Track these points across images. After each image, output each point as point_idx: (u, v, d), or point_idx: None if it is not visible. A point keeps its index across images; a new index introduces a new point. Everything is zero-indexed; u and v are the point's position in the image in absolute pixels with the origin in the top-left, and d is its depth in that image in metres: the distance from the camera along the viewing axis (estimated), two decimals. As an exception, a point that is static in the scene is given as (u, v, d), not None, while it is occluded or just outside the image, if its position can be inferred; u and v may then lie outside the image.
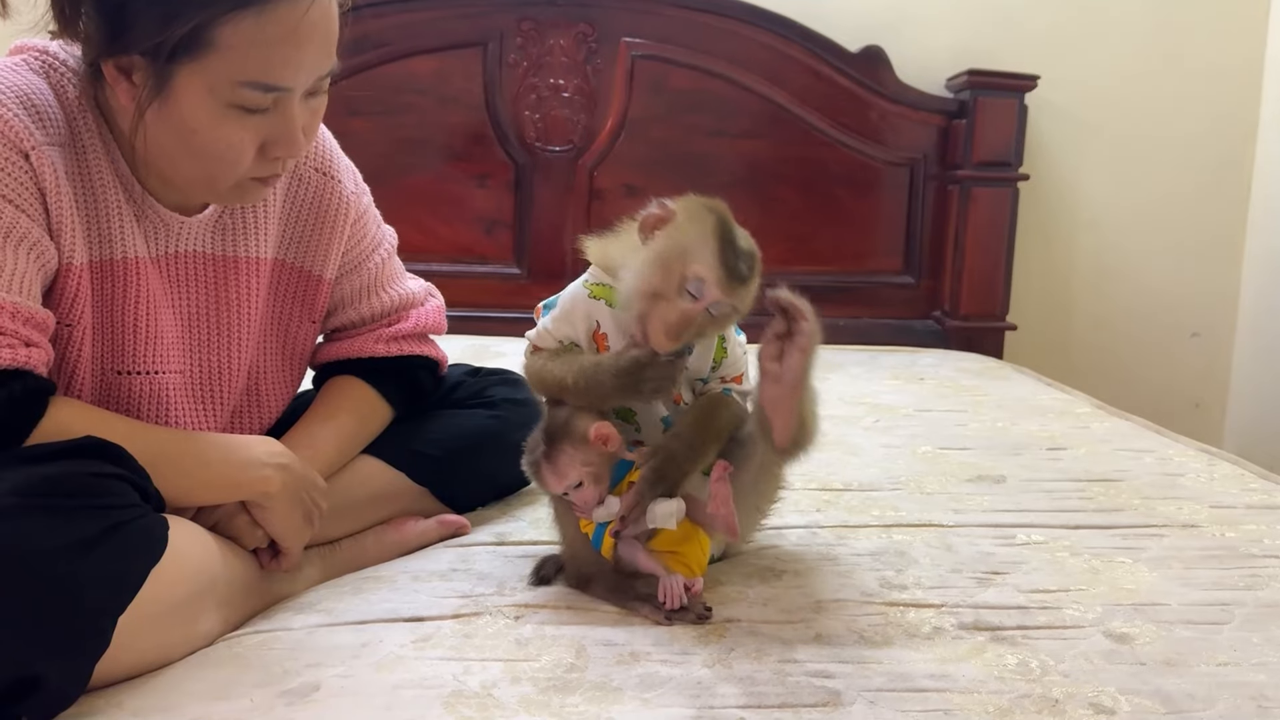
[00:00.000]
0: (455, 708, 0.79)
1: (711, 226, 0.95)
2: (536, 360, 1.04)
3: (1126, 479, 1.44)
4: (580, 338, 1.03)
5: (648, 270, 0.95)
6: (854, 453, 1.55)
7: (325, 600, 0.99)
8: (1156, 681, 0.86)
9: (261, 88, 0.89)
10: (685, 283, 0.94)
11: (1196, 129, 2.72)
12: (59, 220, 0.92)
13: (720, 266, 0.93)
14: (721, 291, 0.94)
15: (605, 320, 1.02)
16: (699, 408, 1.02)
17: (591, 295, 1.02)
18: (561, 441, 0.97)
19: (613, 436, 0.97)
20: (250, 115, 0.90)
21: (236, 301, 1.09)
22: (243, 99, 0.89)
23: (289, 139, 0.93)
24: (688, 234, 0.95)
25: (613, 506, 0.96)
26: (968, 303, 2.55)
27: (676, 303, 0.94)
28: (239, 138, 0.91)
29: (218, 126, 0.90)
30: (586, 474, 0.96)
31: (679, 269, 0.94)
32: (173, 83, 0.88)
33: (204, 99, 0.88)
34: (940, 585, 1.05)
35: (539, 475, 0.99)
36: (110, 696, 0.80)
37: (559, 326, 1.04)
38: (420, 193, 2.44)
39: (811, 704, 0.81)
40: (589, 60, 2.46)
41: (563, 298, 1.05)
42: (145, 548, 0.83)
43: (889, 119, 2.55)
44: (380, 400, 1.19)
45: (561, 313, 1.04)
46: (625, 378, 0.96)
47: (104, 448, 0.85)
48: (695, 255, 0.94)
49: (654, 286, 0.95)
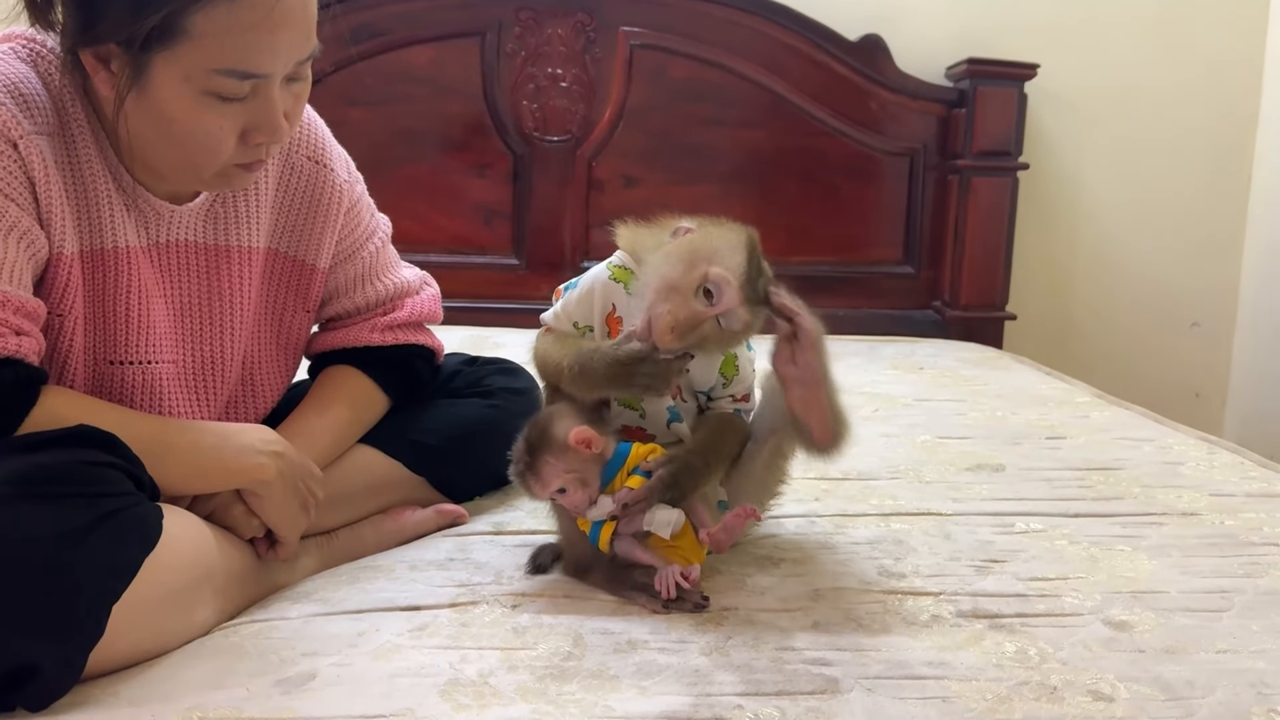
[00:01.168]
0: (452, 696, 0.79)
1: (744, 240, 0.96)
2: (543, 342, 1.04)
3: (1126, 468, 1.44)
4: (595, 319, 1.03)
5: (672, 261, 0.95)
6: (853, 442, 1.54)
7: (322, 589, 0.99)
8: (1156, 669, 0.86)
9: (238, 75, 0.87)
10: (705, 281, 0.93)
11: (1197, 119, 2.71)
12: (49, 209, 0.92)
13: (745, 275, 0.94)
14: (739, 301, 0.94)
15: (621, 304, 1.01)
16: (712, 427, 1.03)
17: (612, 277, 1.03)
18: (542, 451, 0.97)
19: (594, 439, 0.96)
20: (229, 103, 0.89)
21: (229, 291, 1.08)
22: (219, 87, 0.87)
23: (270, 125, 0.92)
24: (720, 238, 0.96)
25: (605, 506, 0.96)
26: (967, 293, 2.55)
27: (691, 301, 0.94)
28: (218, 126, 0.90)
29: (196, 115, 0.89)
30: (571, 479, 0.96)
31: (704, 266, 0.93)
32: (149, 72, 0.87)
33: (181, 88, 0.87)
34: (939, 573, 1.05)
35: (525, 485, 0.99)
36: (106, 686, 0.80)
37: (576, 306, 1.04)
38: (418, 183, 2.44)
39: (809, 691, 0.81)
40: (587, 50, 2.45)
41: (584, 278, 1.05)
42: (139, 536, 0.82)
43: (888, 108, 2.54)
44: (376, 390, 1.18)
45: (581, 293, 1.04)
46: (619, 368, 0.96)
47: (97, 436, 0.85)
48: (723, 258, 0.94)
49: (673, 280, 0.94)
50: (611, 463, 0.98)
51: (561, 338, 1.03)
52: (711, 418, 1.04)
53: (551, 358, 1.02)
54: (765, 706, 0.78)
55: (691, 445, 1.00)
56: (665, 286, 0.94)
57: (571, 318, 1.04)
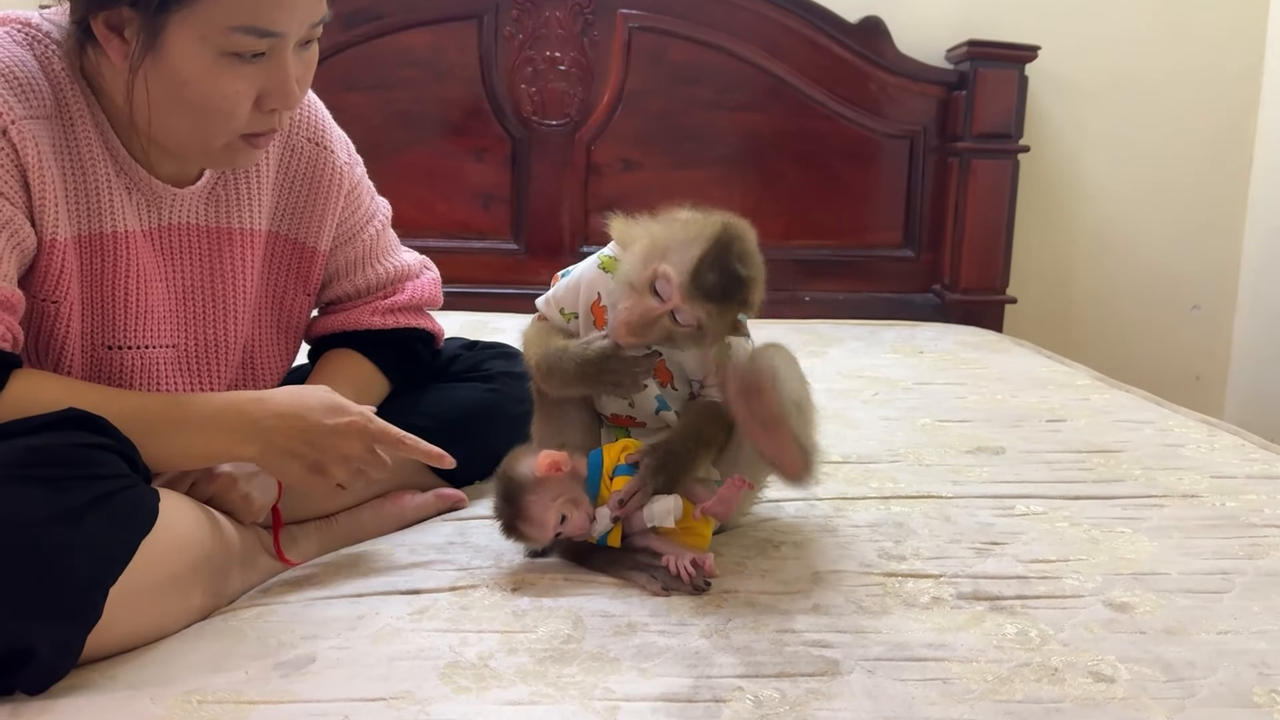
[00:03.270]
0: (452, 678, 0.78)
1: (708, 234, 0.91)
2: (530, 331, 1.05)
3: (1127, 450, 1.44)
4: (580, 308, 1.03)
5: (633, 258, 0.95)
6: (852, 425, 1.55)
7: (321, 573, 0.99)
8: (1157, 650, 0.86)
9: (255, 32, 0.87)
10: (654, 279, 0.92)
11: (1198, 100, 2.70)
12: (41, 196, 0.91)
13: (689, 274, 0.90)
14: (683, 299, 0.91)
15: (606, 294, 1.01)
16: (695, 413, 1.02)
17: (601, 266, 1.02)
18: (520, 496, 0.96)
19: (561, 460, 0.96)
20: (245, 64, 0.89)
21: (231, 273, 1.08)
22: (236, 45, 0.87)
23: (283, 90, 0.92)
24: (683, 231, 0.93)
25: (605, 516, 0.96)
26: (967, 276, 2.54)
27: (645, 298, 0.93)
28: (233, 89, 0.89)
29: (212, 77, 0.88)
30: (562, 505, 0.95)
31: (654, 264, 0.92)
32: (164, 34, 0.86)
33: (197, 48, 0.87)
34: (939, 556, 1.04)
35: (522, 535, 0.98)
36: (105, 669, 0.80)
37: (564, 293, 1.04)
38: (416, 168, 2.42)
39: (809, 673, 0.81)
40: (585, 32, 2.44)
41: (577, 267, 1.05)
42: (135, 518, 0.82)
43: (888, 91, 2.53)
44: (376, 373, 1.18)
45: (571, 281, 1.04)
46: (587, 367, 0.96)
47: (89, 419, 0.84)
48: (671, 255, 0.92)
49: (631, 276, 0.94)
50: (590, 475, 0.98)
51: (543, 331, 1.03)
52: (696, 405, 1.04)
53: (527, 353, 1.03)
54: (765, 688, 0.78)
55: (673, 432, 1.00)
56: (625, 283, 0.94)
57: (559, 304, 1.05)
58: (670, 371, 1.03)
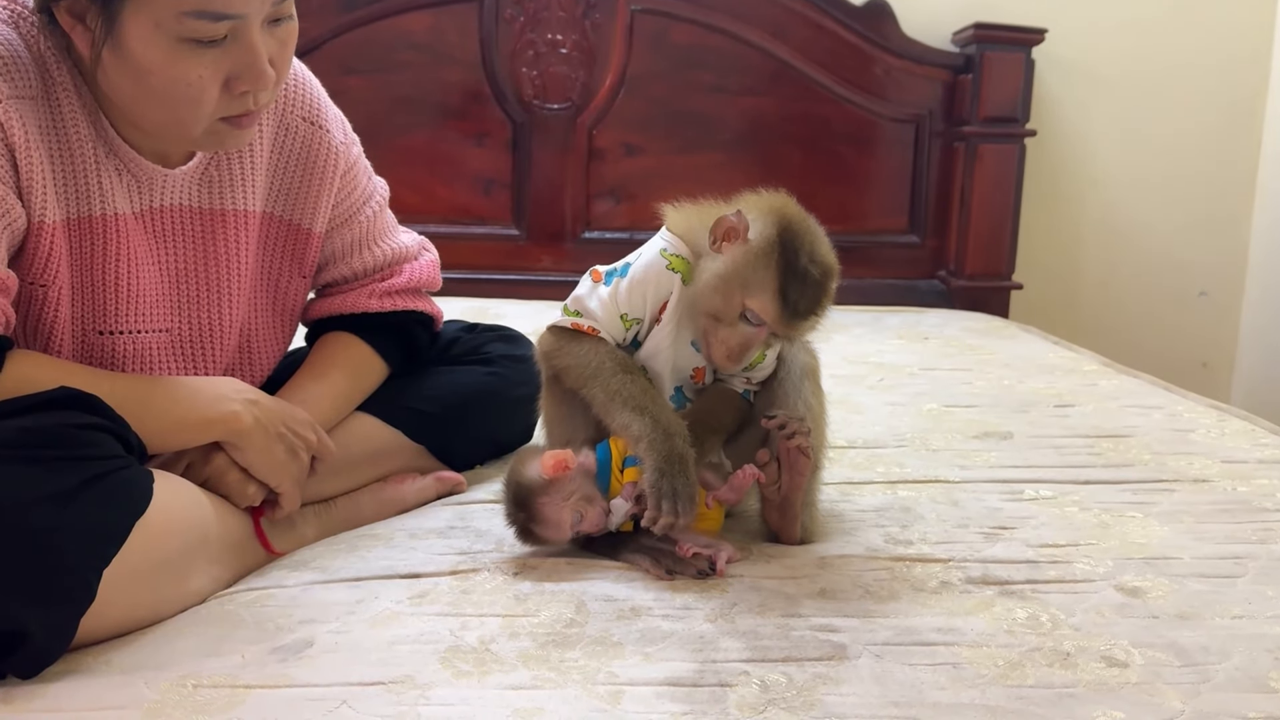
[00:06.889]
0: (452, 662, 0.77)
1: (776, 259, 0.93)
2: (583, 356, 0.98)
3: (1136, 435, 1.42)
4: (647, 311, 0.99)
5: (709, 292, 0.95)
6: (858, 411, 1.53)
7: (320, 558, 0.97)
8: (1170, 634, 0.84)
9: (209, 16, 0.84)
10: (745, 311, 0.94)
11: (1206, 85, 2.67)
12: (29, 177, 0.89)
13: (779, 304, 0.93)
14: (780, 328, 0.94)
15: (675, 296, 0.98)
16: (706, 399, 1.03)
17: (670, 267, 0.98)
18: (532, 502, 0.95)
19: (568, 458, 0.94)
20: (206, 48, 0.86)
21: (225, 256, 1.06)
22: (192, 30, 0.84)
23: (254, 71, 0.88)
24: (751, 264, 0.94)
25: (620, 509, 0.94)
26: (973, 262, 2.52)
27: (738, 327, 0.95)
28: (196, 75, 0.86)
29: (173, 65, 0.86)
30: (576, 504, 0.94)
31: (739, 298, 0.94)
32: (121, 22, 0.84)
33: (153, 36, 0.84)
34: (947, 540, 1.03)
35: (537, 538, 0.96)
36: (99, 654, 0.78)
37: (627, 297, 0.98)
38: (417, 152, 2.40)
39: (816, 658, 0.79)
40: (587, 15, 2.41)
41: (637, 266, 0.99)
42: (128, 500, 0.81)
43: (894, 74, 2.50)
44: (375, 356, 1.16)
45: (633, 283, 0.98)
46: (666, 466, 0.92)
47: (82, 398, 0.83)
48: (755, 289, 0.93)
49: (714, 309, 0.95)
50: (600, 470, 0.96)
51: (615, 364, 0.96)
52: (708, 392, 1.03)
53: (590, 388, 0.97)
54: (771, 673, 0.77)
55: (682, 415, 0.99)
56: (710, 316, 0.95)
57: (622, 309, 0.98)
58: (703, 369, 1.03)
